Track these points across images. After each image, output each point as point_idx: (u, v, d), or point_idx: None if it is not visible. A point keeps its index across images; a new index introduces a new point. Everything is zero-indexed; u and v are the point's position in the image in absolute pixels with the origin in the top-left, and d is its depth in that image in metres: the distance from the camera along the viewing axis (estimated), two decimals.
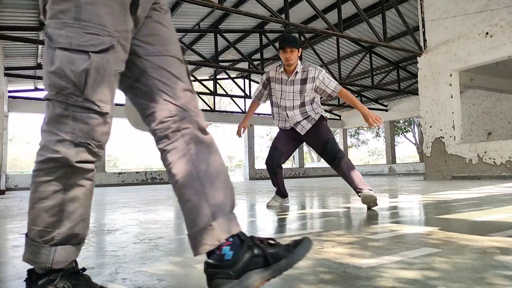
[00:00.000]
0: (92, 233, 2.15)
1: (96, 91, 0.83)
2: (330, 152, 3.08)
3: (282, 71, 3.17)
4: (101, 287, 0.94)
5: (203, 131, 0.98)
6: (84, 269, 0.94)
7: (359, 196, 2.91)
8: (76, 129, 0.83)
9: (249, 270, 0.89)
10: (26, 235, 0.89)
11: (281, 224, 2.27)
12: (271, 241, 0.95)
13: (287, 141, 3.32)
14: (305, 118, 3.21)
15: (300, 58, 3.26)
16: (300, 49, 3.13)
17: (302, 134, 3.23)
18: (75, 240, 0.90)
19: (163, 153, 0.98)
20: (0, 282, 1.19)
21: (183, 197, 0.95)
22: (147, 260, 1.41)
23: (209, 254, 0.92)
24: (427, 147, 9.14)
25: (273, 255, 0.91)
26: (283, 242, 0.98)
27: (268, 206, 3.37)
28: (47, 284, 0.87)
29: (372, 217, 2.42)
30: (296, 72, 3.12)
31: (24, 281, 0.89)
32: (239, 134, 3.43)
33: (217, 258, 0.90)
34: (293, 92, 3.17)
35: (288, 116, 3.23)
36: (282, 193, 3.44)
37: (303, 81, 3.13)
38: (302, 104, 3.19)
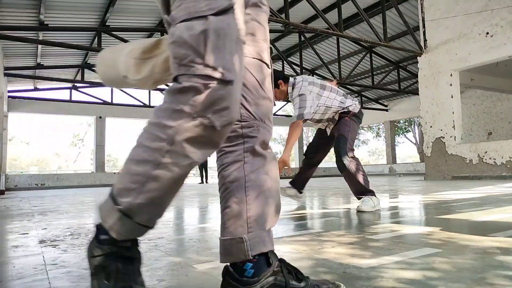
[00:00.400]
0: (91, 234, 2.14)
1: (217, 57, 0.76)
2: (334, 151, 3.00)
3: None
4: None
5: (265, 145, 0.96)
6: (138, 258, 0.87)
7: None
8: (197, 101, 0.74)
9: None
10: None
11: (281, 224, 2.27)
12: (300, 276, 0.91)
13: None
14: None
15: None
16: (280, 82, 3.09)
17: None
18: (140, 218, 0.81)
19: (220, 153, 0.96)
20: (0, 282, 1.19)
21: (225, 201, 0.93)
22: (146, 261, 1.40)
23: (233, 264, 0.90)
24: (428, 147, 9.14)
25: None
26: (315, 277, 0.95)
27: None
28: (103, 244, 0.82)
29: (372, 217, 2.42)
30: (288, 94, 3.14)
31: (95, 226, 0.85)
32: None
33: (238, 270, 0.88)
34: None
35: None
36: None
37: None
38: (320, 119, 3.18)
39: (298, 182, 3.42)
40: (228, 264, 0.90)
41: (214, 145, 0.81)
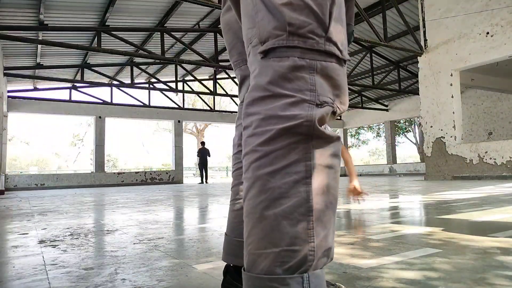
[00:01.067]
0: (91, 234, 2.14)
1: (337, 30, 0.62)
2: None
3: None
4: None
5: None
6: None
7: None
8: (317, 84, 0.60)
9: None
10: (247, 269, 0.61)
11: None
12: None
13: None
14: None
15: None
16: None
17: None
18: (328, 258, 0.61)
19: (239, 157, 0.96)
20: (0, 282, 1.18)
21: (237, 201, 0.91)
22: (146, 261, 1.40)
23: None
24: (428, 147, 9.14)
25: None
26: None
27: None
28: None
29: (372, 218, 2.42)
30: None
31: None
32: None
33: (239, 270, 0.85)
34: None
35: None
36: None
37: None
38: None
39: None
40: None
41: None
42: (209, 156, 14.51)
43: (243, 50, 0.91)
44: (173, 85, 14.24)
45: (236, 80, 15.20)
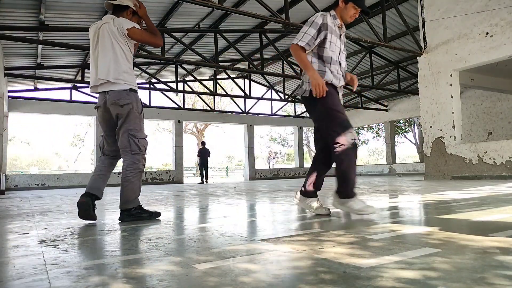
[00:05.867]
0: (91, 233, 2.15)
1: None
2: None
3: (336, 22, 2.72)
4: None
5: None
6: None
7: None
8: None
9: None
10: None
11: (281, 224, 2.27)
12: None
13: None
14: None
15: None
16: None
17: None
18: None
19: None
20: (0, 282, 1.19)
21: None
22: (147, 260, 1.41)
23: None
24: (427, 147, 9.14)
25: None
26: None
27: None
28: None
29: (372, 217, 2.42)
30: (344, 32, 2.81)
31: None
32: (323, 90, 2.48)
33: None
34: (342, 52, 2.76)
35: (342, 77, 2.72)
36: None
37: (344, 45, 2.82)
38: (344, 70, 2.77)
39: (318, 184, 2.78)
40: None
41: None
42: (209, 156, 14.52)
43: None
44: (173, 85, 14.24)
45: (236, 80, 15.21)
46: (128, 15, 2.81)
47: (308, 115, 3.07)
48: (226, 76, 15.51)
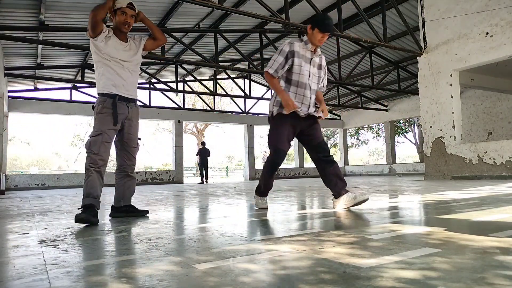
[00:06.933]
0: (91, 233, 2.15)
1: None
2: (326, 149, 3.05)
3: (308, 47, 2.96)
4: None
5: None
6: None
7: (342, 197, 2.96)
8: None
9: None
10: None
11: (281, 224, 2.27)
12: None
13: (292, 134, 3.01)
14: (315, 108, 3.02)
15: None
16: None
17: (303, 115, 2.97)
18: None
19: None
20: (0, 282, 1.19)
21: None
22: (147, 260, 1.41)
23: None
24: (427, 147, 9.14)
25: None
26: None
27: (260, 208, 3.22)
28: None
29: (372, 217, 2.42)
30: (319, 55, 3.02)
31: None
32: (294, 107, 2.88)
33: None
34: (314, 75, 2.97)
35: (309, 99, 2.93)
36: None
37: (319, 67, 3.02)
38: (314, 92, 2.99)
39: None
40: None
41: None
42: (209, 156, 14.52)
43: None
44: (173, 85, 14.24)
45: (236, 80, 15.28)
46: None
47: None
48: (226, 76, 15.51)
